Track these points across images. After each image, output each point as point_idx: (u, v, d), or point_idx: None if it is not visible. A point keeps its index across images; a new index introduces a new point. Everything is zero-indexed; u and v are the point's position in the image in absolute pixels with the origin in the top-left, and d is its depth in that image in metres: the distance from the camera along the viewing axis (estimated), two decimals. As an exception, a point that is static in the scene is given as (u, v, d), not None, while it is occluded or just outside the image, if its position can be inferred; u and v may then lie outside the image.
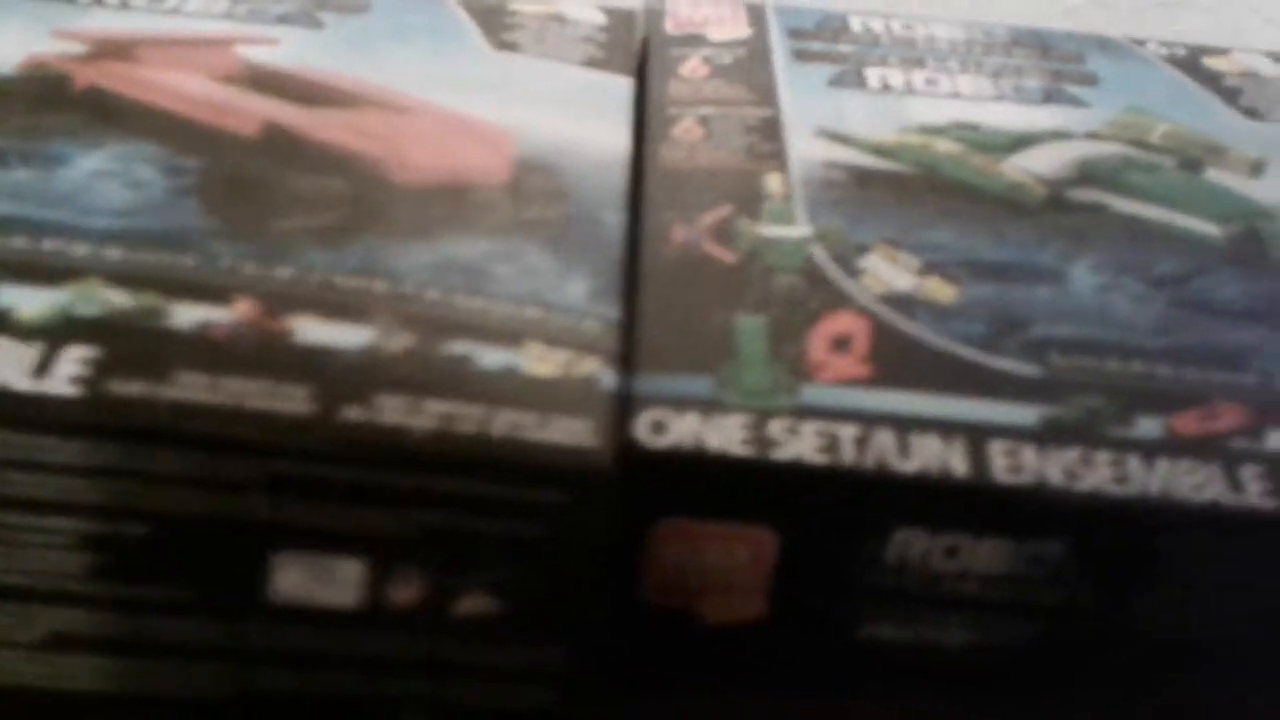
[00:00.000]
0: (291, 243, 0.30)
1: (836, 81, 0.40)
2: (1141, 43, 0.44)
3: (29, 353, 0.26)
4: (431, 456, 0.25)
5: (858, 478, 0.27)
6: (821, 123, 0.38)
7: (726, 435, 0.27)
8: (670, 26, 0.43)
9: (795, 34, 0.43)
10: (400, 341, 0.27)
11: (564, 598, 0.27)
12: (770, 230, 0.34)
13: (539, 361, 0.27)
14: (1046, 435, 0.28)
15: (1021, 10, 0.67)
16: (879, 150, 0.37)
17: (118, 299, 0.28)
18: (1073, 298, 0.32)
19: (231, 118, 0.34)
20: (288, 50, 0.38)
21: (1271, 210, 0.36)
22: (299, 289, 0.29)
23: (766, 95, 0.39)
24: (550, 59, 0.39)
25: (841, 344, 0.30)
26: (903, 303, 0.31)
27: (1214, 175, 0.38)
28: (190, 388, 0.26)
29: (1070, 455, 0.28)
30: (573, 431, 0.26)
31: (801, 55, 0.41)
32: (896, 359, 0.30)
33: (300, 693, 0.27)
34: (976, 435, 0.28)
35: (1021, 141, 0.38)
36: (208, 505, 0.26)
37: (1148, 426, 0.29)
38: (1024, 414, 0.29)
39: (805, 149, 0.37)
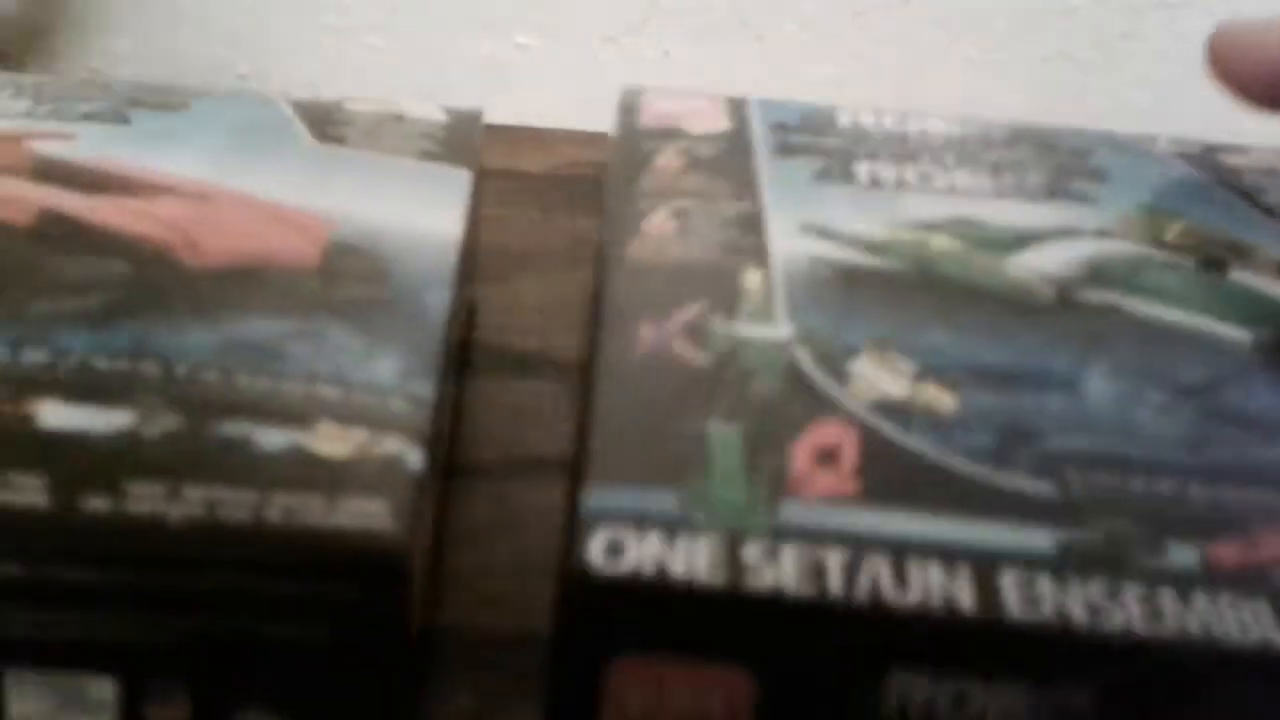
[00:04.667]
0: (48, 326, 0.27)
1: (822, 176, 0.37)
2: (1153, 139, 0.42)
3: None
4: (191, 549, 0.22)
5: (847, 612, 0.23)
6: (806, 218, 0.35)
7: (693, 559, 0.24)
8: (644, 120, 0.40)
9: (778, 128, 0.40)
10: (163, 424, 0.24)
11: (358, 710, 0.23)
12: (748, 330, 0.30)
13: (330, 441, 0.24)
14: (1066, 564, 0.24)
15: (1023, 9, 0.66)
16: (869, 246, 0.34)
17: None
18: (1089, 408, 0.29)
19: (4, 207, 0.32)
20: (85, 144, 0.35)
21: (1303, 314, 0.33)
22: (48, 374, 0.26)
23: (747, 189, 0.36)
24: (380, 152, 0.36)
25: (828, 457, 0.26)
26: (897, 412, 0.28)
27: (1238, 276, 0.35)
28: None
29: (1095, 588, 0.24)
30: (363, 513, 0.23)
31: (785, 149, 0.39)
32: (890, 474, 0.26)
33: None
34: (985, 563, 0.24)
35: (1026, 239, 0.35)
36: None
37: (1182, 555, 0.25)
38: (1039, 539, 0.25)
39: (788, 245, 0.34)
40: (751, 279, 0.32)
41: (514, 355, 0.40)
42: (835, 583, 0.23)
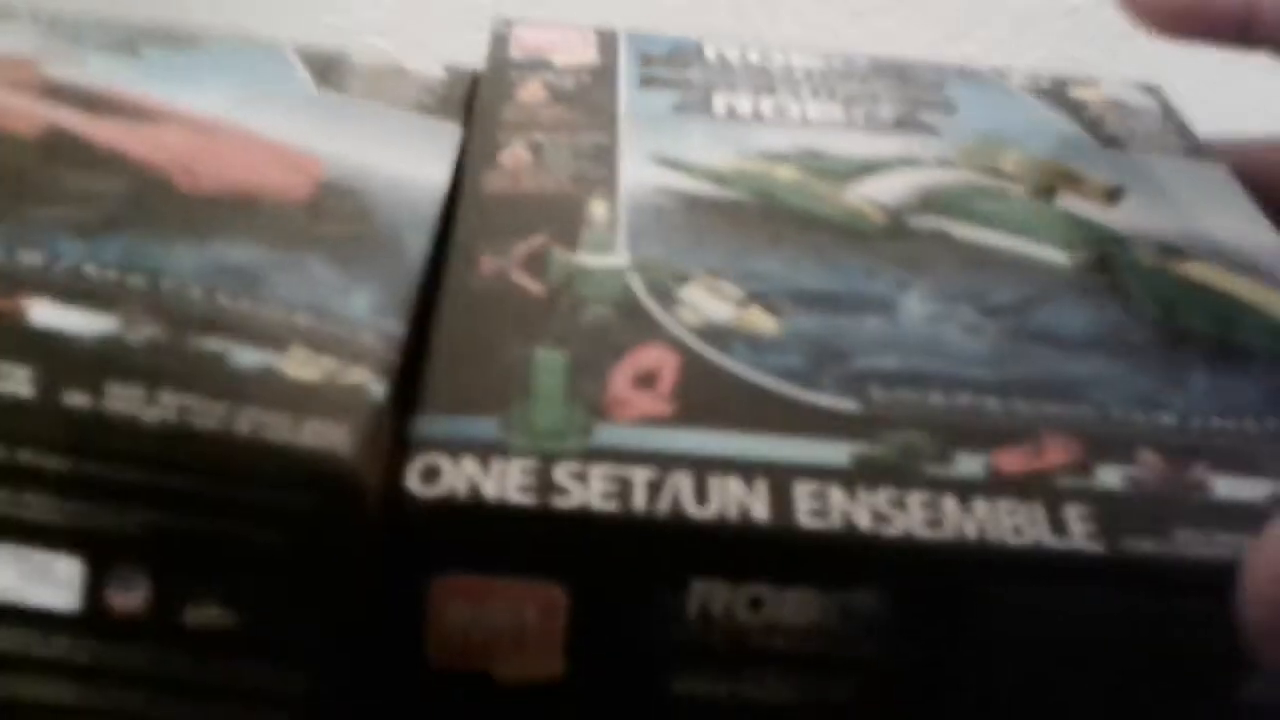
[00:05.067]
0: (45, 231, 0.28)
1: (681, 108, 0.38)
2: (1005, 73, 0.43)
3: None
4: (161, 450, 0.24)
5: (648, 526, 0.25)
6: (658, 149, 0.36)
7: (505, 482, 0.25)
8: (514, 52, 0.41)
9: (645, 60, 0.41)
10: (145, 332, 0.26)
11: (306, 615, 0.24)
12: (587, 260, 0.31)
13: (301, 365, 0.26)
14: (857, 475, 0.26)
15: (1023, 9, 0.66)
16: (715, 177, 0.35)
17: None
18: (901, 328, 0.30)
19: (13, 120, 0.33)
20: (95, 71, 0.36)
21: (1124, 238, 0.35)
22: (41, 275, 0.27)
23: (605, 121, 0.37)
24: (379, 102, 0.37)
25: (646, 380, 0.28)
26: (719, 335, 0.29)
27: (1067, 203, 0.36)
28: None
29: (881, 497, 0.26)
30: (324, 435, 0.24)
31: (648, 81, 0.40)
32: (704, 395, 0.27)
33: (4, 698, 0.25)
34: (782, 477, 0.26)
35: (866, 169, 0.36)
36: None
37: (969, 465, 0.27)
38: (836, 453, 0.27)
39: (637, 176, 0.35)
40: (597, 209, 0.33)
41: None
42: (639, 499, 0.25)
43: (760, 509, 0.25)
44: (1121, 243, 0.34)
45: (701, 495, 0.25)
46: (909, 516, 0.25)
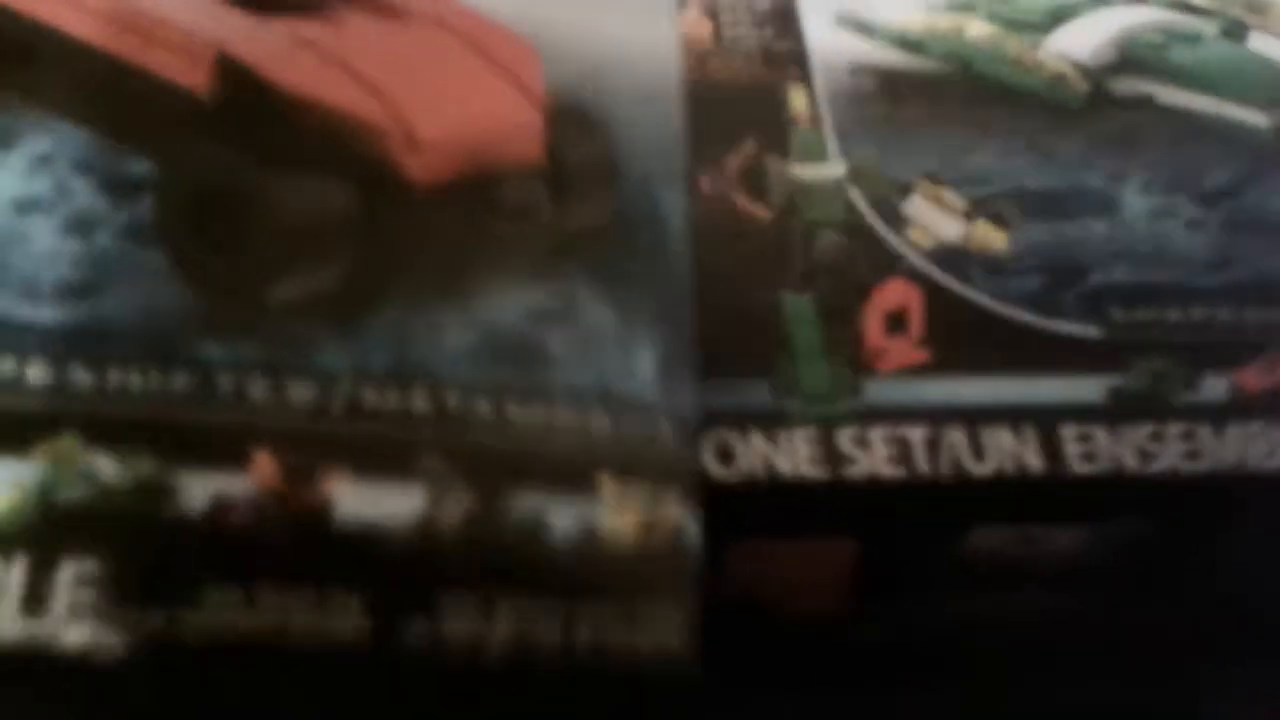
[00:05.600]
0: (298, 328, 0.23)
1: (849, -51, 0.36)
2: None
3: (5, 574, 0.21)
4: (507, 668, 0.22)
5: (933, 487, 0.26)
6: (841, 5, 0.34)
7: (795, 456, 0.26)
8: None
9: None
10: (458, 504, 0.22)
11: None
12: (802, 172, 0.31)
13: (616, 512, 0.23)
14: (1116, 412, 0.27)
15: None
16: (906, 42, 0.33)
17: (108, 470, 0.21)
18: (1126, 229, 0.30)
19: (171, 55, 0.24)
20: None
21: (1320, 84, 0.34)
22: (325, 422, 0.22)
23: (772, -27, 0.35)
24: None
25: (897, 322, 0.28)
26: (954, 259, 0.29)
27: (1257, 42, 0.35)
28: (225, 607, 0.21)
29: (1141, 433, 0.27)
30: (659, 630, 0.23)
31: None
32: (955, 334, 0.28)
33: None
34: (1046, 422, 0.27)
35: (1058, 13, 0.35)
36: None
37: (1214, 388, 0.28)
38: (1090, 388, 0.28)
39: (826, 46, 0.33)
40: (797, 101, 0.32)
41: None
42: (921, 461, 0.26)
43: (1033, 459, 0.26)
44: (1319, 91, 0.34)
45: (977, 449, 0.26)
46: (1169, 450, 0.27)
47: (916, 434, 0.27)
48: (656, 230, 0.25)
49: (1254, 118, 0.33)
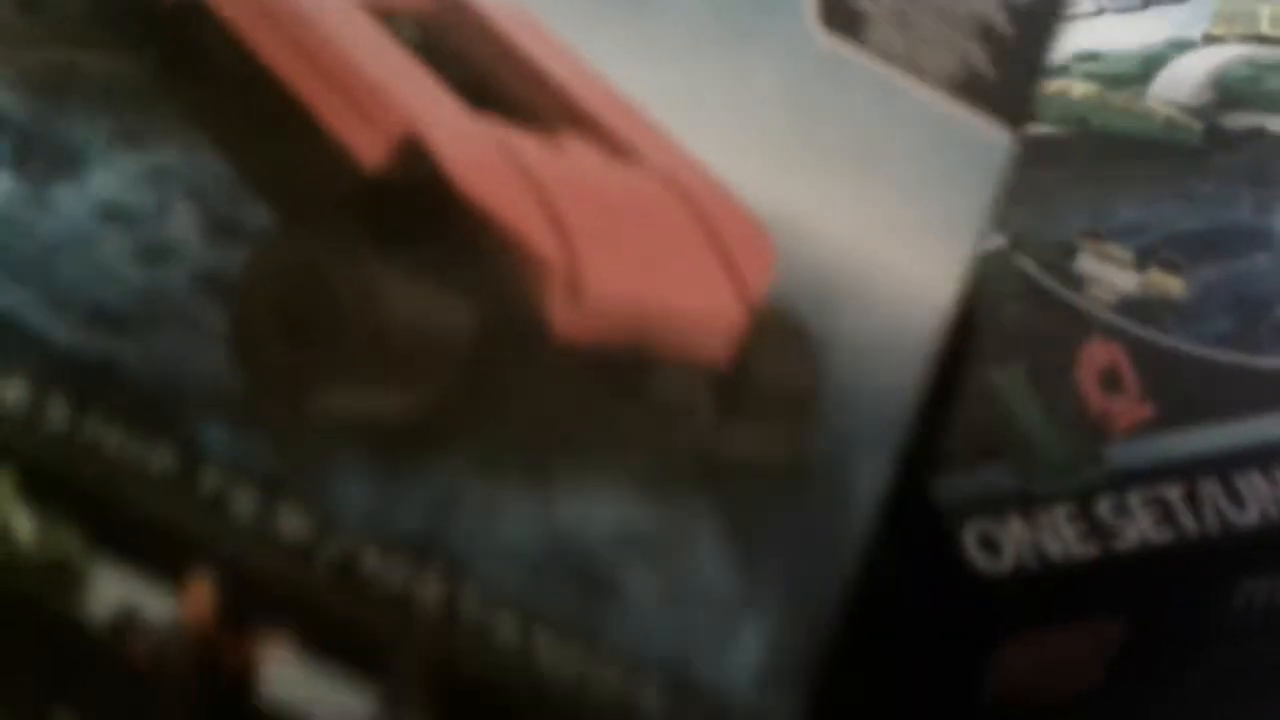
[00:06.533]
0: (329, 448, 0.18)
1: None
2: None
3: None
4: None
5: (1203, 544, 0.25)
6: (940, 86, 0.34)
7: (1061, 534, 0.25)
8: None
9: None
10: None
11: None
12: (964, 247, 0.30)
13: None
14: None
15: None
16: (1017, 111, 0.34)
17: (24, 530, 0.16)
18: (1290, 258, 0.30)
19: (355, 115, 0.20)
20: None
21: None
22: (301, 569, 0.17)
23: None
24: (901, 65, 0.22)
25: (1111, 382, 0.28)
26: (1140, 309, 0.29)
27: (1337, 62, 0.36)
28: None
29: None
30: None
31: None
32: (1171, 386, 0.27)
33: None
34: (1292, 459, 0.27)
35: (1148, 64, 0.35)
36: None
37: None
38: (1321, 419, 0.27)
39: (942, 126, 0.33)
40: (933, 180, 0.31)
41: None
42: (1186, 519, 0.25)
43: (1291, 501, 0.26)
44: None
45: (1235, 499, 0.26)
46: None
47: (1174, 492, 0.26)
48: (838, 497, 0.19)
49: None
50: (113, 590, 0.16)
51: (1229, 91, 0.34)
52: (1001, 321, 0.28)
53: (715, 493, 0.18)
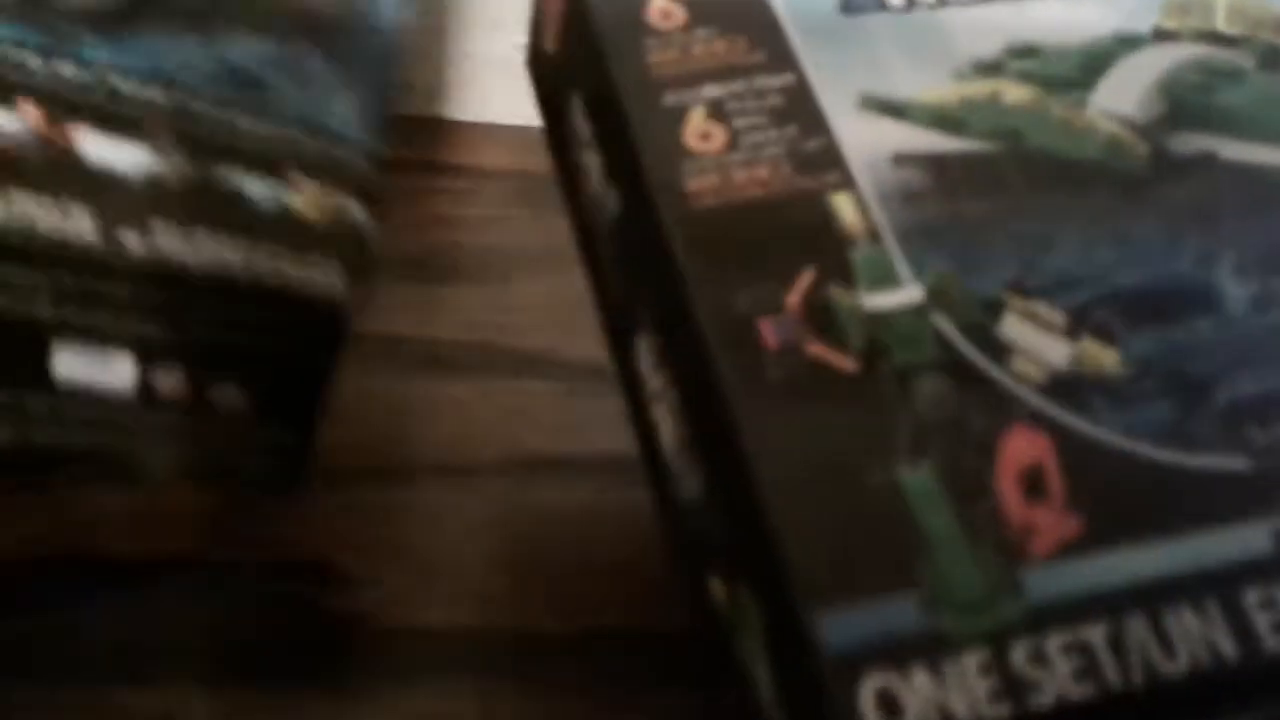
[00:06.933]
0: (73, 30, 0.30)
1: (847, 5, 0.30)
2: None
3: None
4: (199, 285, 0.29)
5: (1128, 701, 0.22)
6: (860, 84, 0.29)
7: (970, 690, 0.22)
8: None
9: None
10: (177, 166, 0.30)
11: (296, 396, 0.32)
12: (876, 300, 0.26)
13: (306, 202, 0.31)
14: (1288, 561, 0.24)
15: None
16: (944, 120, 0.29)
17: None
18: (1235, 327, 0.27)
19: None
20: None
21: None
22: (82, 92, 0.29)
23: (774, 45, 0.29)
24: None
25: (1035, 485, 0.24)
26: (1070, 391, 0.25)
27: (1294, 71, 0.32)
28: None
29: (1321, 583, 0.24)
30: (325, 275, 0.30)
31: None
32: (1099, 491, 0.24)
33: (72, 446, 0.31)
34: (1227, 592, 0.23)
35: (1091, 63, 0.30)
36: None
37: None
38: (1256, 537, 0.24)
39: (858, 136, 0.28)
40: (845, 210, 0.26)
41: (514, 355, 0.39)
42: (1110, 670, 0.22)
43: (1226, 643, 0.23)
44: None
45: (1165, 644, 0.22)
46: (1350, 598, 0.24)
47: (1097, 634, 0.22)
48: (374, 22, 0.34)
49: (1317, 165, 0.30)
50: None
51: (1180, 104, 0.30)
52: (914, 402, 0.24)
53: (310, 35, 0.32)
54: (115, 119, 0.29)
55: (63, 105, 0.29)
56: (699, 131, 0.27)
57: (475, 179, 0.48)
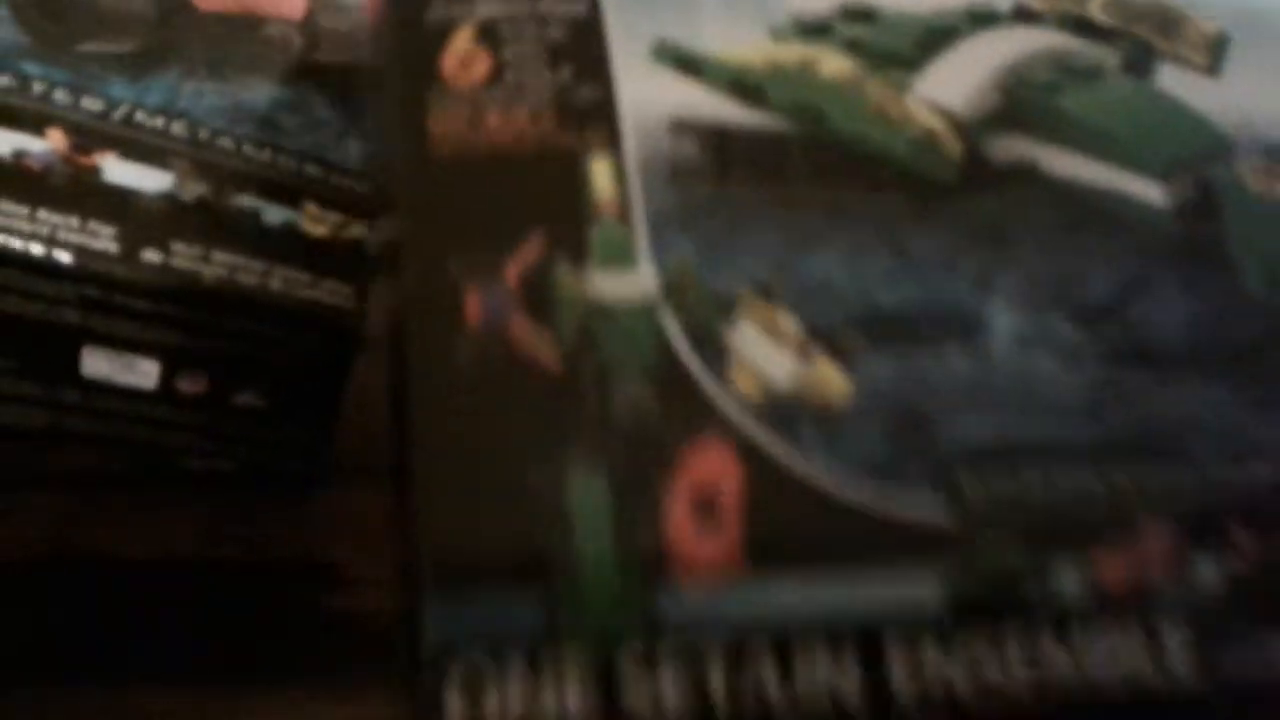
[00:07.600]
0: (99, 72, 0.33)
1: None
2: None
3: None
4: (217, 301, 0.31)
5: (736, 733, 0.22)
6: (661, 26, 0.26)
7: (562, 695, 0.22)
8: None
9: None
10: (194, 190, 0.32)
11: (313, 401, 0.33)
12: (604, 283, 0.24)
13: (314, 223, 0.32)
14: (953, 621, 0.23)
15: None
16: (745, 85, 0.26)
17: None
18: (988, 365, 0.25)
19: None
20: None
21: (1229, 143, 0.28)
22: (105, 125, 0.32)
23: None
24: None
25: (706, 508, 0.23)
26: (783, 414, 0.24)
27: (1166, 77, 0.29)
28: (10, 216, 0.30)
29: (979, 648, 0.23)
30: (336, 293, 0.32)
31: None
32: (774, 523, 0.23)
33: (101, 434, 0.33)
34: (872, 640, 0.23)
35: (930, 39, 0.28)
36: (27, 309, 0.31)
37: (1068, 579, 0.24)
38: (929, 591, 0.23)
39: (641, 93, 0.26)
40: (599, 175, 0.25)
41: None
42: (719, 698, 0.22)
43: (851, 689, 0.22)
44: (1226, 151, 0.28)
45: (787, 677, 0.22)
46: (1005, 662, 0.23)
47: (714, 659, 0.22)
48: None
49: (1150, 193, 0.28)
50: (2, 145, 0.31)
51: (1016, 102, 0.28)
52: (608, 406, 0.23)
53: (318, 83, 0.35)
54: (136, 146, 0.31)
55: (88, 133, 0.31)
56: (460, 55, 0.25)
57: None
